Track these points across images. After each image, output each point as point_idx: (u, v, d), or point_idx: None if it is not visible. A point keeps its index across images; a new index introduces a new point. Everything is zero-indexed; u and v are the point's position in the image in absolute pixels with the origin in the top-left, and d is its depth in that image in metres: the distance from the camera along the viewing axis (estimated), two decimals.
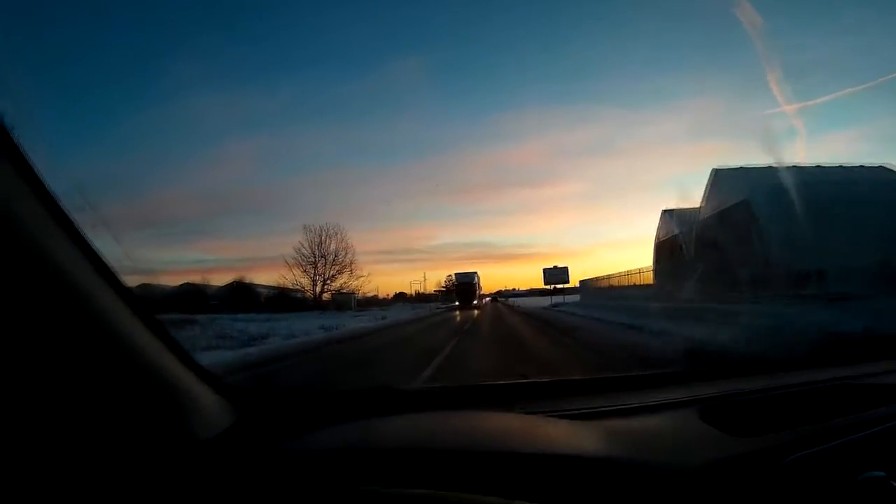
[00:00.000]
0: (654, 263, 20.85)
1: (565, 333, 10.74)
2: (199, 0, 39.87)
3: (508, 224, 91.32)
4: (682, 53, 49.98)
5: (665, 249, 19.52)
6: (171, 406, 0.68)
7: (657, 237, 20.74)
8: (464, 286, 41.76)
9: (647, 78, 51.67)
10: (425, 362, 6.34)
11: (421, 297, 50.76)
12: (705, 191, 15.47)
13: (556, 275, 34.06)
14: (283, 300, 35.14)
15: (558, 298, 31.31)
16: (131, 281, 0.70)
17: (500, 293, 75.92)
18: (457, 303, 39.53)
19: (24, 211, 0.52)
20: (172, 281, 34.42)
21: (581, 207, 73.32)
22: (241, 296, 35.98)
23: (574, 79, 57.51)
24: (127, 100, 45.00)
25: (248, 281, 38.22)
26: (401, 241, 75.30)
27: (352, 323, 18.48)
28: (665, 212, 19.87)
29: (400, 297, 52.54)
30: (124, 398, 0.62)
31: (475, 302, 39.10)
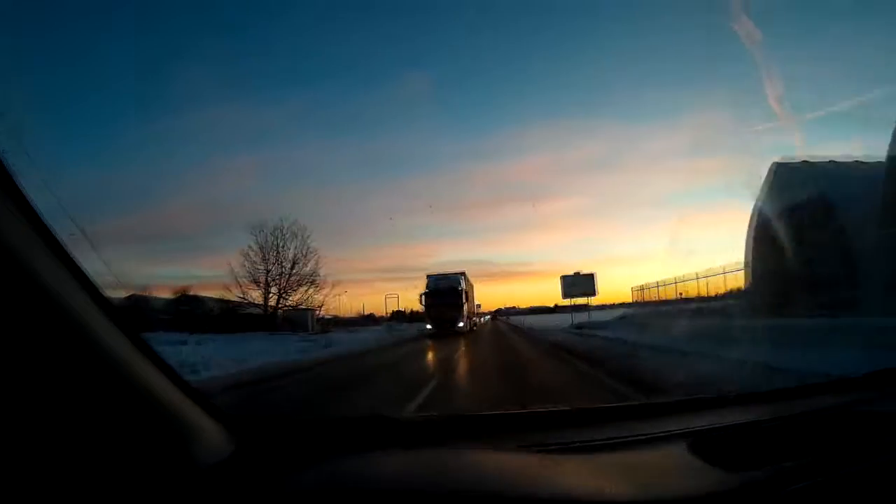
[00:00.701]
0: (750, 257, 13.24)
1: None
2: (199, 13, 36.91)
3: (507, 241, 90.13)
4: (682, 68, 48.48)
5: (777, 233, 11.80)
6: (172, 433, 0.67)
7: (757, 216, 13.08)
8: (442, 293, 21.41)
9: (647, 93, 49.90)
10: None
11: (415, 316, 44.19)
12: None
13: (579, 285, 24.85)
14: (231, 317, 27.65)
15: (581, 316, 23.46)
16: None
17: (499, 311, 70.14)
18: (429, 326, 21.51)
19: (15, 234, 0.51)
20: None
21: (582, 224, 70.38)
22: (185, 312, 28.91)
23: (574, 94, 57.04)
24: (116, 109, 41.65)
25: (192, 294, 31.15)
26: (400, 259, 71.71)
27: (260, 355, 11.23)
28: (780, 166, 12.03)
29: (398, 315, 46.12)
30: (123, 426, 0.61)
31: (461, 324, 20.87)
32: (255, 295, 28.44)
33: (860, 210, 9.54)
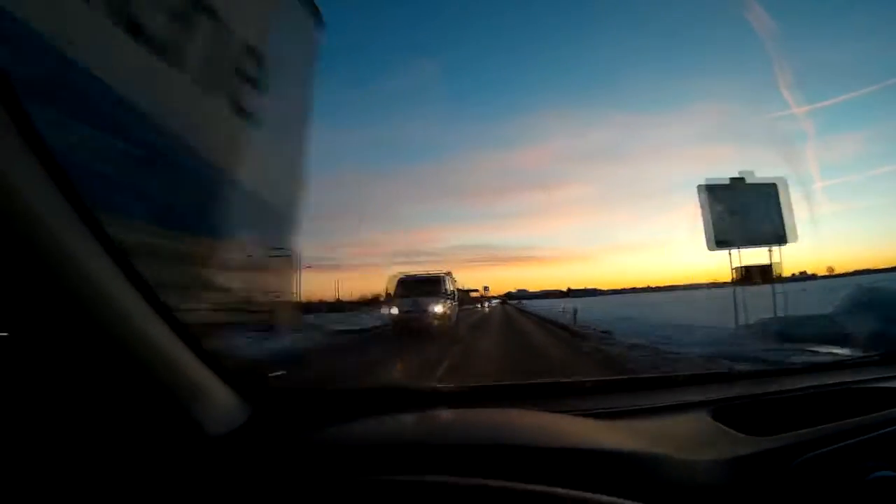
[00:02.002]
0: None
1: None
2: None
3: (516, 227, 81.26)
4: (694, 58, 39.97)
5: None
6: (182, 400, 0.65)
7: None
8: None
9: (659, 82, 41.15)
10: None
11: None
12: None
13: (754, 213, 9.49)
14: None
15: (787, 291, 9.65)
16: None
17: (509, 294, 59.58)
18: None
19: (34, 192, 0.48)
20: None
21: (590, 211, 61.41)
22: None
23: (585, 83, 47.71)
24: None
25: None
26: (409, 244, 63.76)
27: None
28: None
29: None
30: (132, 391, 0.60)
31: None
32: None
33: None
